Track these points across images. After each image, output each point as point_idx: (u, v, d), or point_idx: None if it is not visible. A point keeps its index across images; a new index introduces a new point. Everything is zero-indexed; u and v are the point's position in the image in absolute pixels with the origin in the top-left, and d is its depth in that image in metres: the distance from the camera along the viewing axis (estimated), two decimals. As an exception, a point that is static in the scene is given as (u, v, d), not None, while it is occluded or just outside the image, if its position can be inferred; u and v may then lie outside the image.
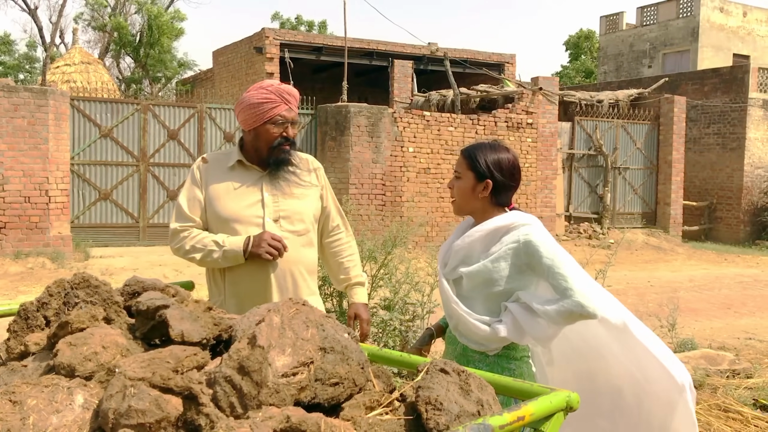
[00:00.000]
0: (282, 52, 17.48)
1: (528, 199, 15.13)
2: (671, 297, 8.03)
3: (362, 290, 3.04)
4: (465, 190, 2.42)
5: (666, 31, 29.32)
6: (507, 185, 2.43)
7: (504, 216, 2.41)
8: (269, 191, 2.77)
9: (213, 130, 13.38)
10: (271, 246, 2.63)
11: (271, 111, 2.69)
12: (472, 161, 2.41)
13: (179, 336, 1.32)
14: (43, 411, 1.12)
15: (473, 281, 2.36)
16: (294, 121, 2.76)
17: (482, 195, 2.40)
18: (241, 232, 2.70)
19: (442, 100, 16.03)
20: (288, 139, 2.74)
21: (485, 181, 2.39)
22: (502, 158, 2.41)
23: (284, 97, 2.71)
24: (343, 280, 3.03)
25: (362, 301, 3.00)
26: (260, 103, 2.69)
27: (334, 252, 3.01)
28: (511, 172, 2.43)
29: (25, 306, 1.53)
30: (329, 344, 1.38)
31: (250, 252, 2.64)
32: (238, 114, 2.79)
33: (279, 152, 2.74)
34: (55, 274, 10.18)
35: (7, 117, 10.75)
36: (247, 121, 2.74)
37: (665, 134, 17.26)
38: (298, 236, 2.78)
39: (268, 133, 2.72)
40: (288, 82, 16.90)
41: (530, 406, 1.37)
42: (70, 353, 1.32)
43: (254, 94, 2.72)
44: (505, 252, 2.32)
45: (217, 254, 2.67)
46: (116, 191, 12.64)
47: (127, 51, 28.23)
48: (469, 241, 2.39)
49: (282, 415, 1.15)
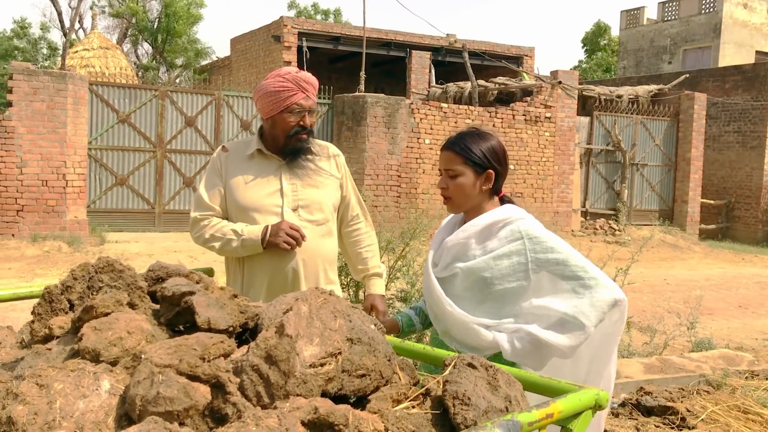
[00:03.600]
0: (300, 41, 17.44)
1: (544, 194, 15.04)
2: (691, 296, 7.96)
3: (380, 281, 3.02)
4: (466, 186, 2.26)
5: (687, 27, 29.00)
6: (502, 172, 2.31)
7: (498, 210, 2.27)
8: (288, 180, 2.75)
9: (230, 117, 13.39)
10: (289, 235, 2.61)
11: (287, 99, 2.66)
12: (466, 154, 2.25)
13: (206, 323, 1.30)
14: (69, 396, 1.10)
15: (470, 279, 2.22)
16: (311, 110, 2.72)
17: (486, 187, 2.27)
18: (259, 221, 2.69)
19: (460, 92, 15.95)
20: (305, 127, 2.72)
21: (486, 172, 2.26)
22: (494, 145, 2.29)
23: (301, 85, 2.68)
24: (361, 270, 3.01)
25: (379, 293, 2.98)
26: (277, 91, 2.67)
27: (353, 242, 2.99)
28: (504, 157, 2.31)
29: (50, 289, 1.52)
30: (356, 335, 1.36)
31: (268, 241, 2.63)
32: (256, 102, 2.77)
33: (296, 141, 2.72)
34: (71, 258, 10.24)
35: (27, 100, 10.80)
36: (264, 109, 2.72)
37: (684, 131, 17.09)
38: (316, 225, 2.76)
39: (284, 121, 2.69)
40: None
41: (559, 403, 1.34)
42: (95, 338, 1.30)
43: (271, 81, 2.69)
44: (509, 250, 2.20)
45: (236, 243, 2.67)
46: (133, 177, 12.69)
47: (144, 37, 28.30)
48: (464, 236, 2.26)
49: (310, 406, 1.13)
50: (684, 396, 4.51)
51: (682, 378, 4.98)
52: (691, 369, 5.13)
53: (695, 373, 5.05)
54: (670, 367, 5.14)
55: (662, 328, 6.10)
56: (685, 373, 5.06)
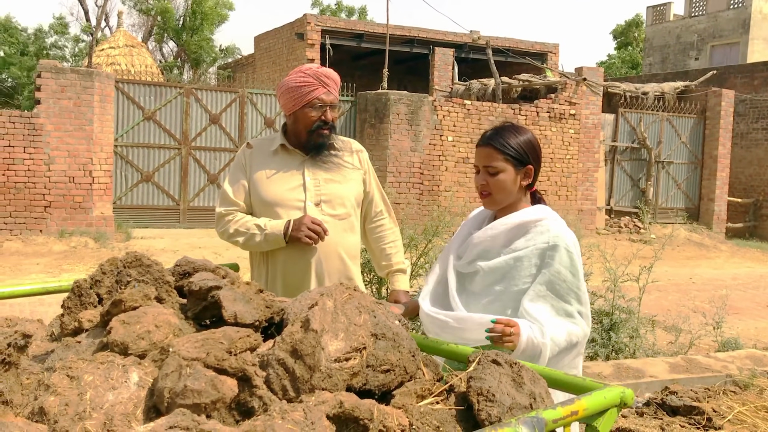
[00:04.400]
0: (323, 39, 17.49)
1: (569, 192, 14.93)
2: (717, 295, 7.86)
3: (404, 277, 3.03)
4: (508, 183, 2.21)
5: (715, 23, 28.59)
6: (539, 167, 2.28)
7: (531, 210, 2.24)
8: (311, 175, 2.78)
9: (254, 115, 13.47)
10: (311, 230, 2.63)
11: (309, 94, 2.68)
12: (506, 150, 2.20)
13: (232, 317, 1.32)
14: (99, 387, 1.12)
15: (490, 278, 2.19)
16: (333, 105, 2.74)
17: (525, 182, 2.24)
18: (282, 216, 2.72)
19: (483, 89, 15.88)
20: (327, 122, 2.73)
21: (526, 167, 2.22)
22: (531, 139, 2.25)
23: (322, 80, 2.70)
24: (385, 266, 3.03)
25: (403, 288, 2.98)
26: (298, 86, 2.70)
27: (377, 238, 3.01)
28: (540, 151, 2.29)
29: (79, 283, 1.54)
30: (381, 331, 1.36)
31: (290, 236, 2.65)
32: (279, 98, 2.80)
33: (318, 136, 2.74)
34: (98, 253, 10.38)
35: (54, 98, 10.96)
36: (287, 105, 2.75)
37: (711, 128, 16.86)
38: (339, 220, 2.79)
39: (306, 116, 2.72)
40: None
41: (584, 401, 1.34)
42: (123, 331, 1.32)
43: (293, 77, 2.72)
44: (532, 252, 2.16)
45: (259, 238, 2.70)
46: (158, 173, 12.82)
47: (170, 35, 28.53)
48: (492, 234, 2.22)
49: (335, 400, 1.14)
50: (710, 396, 4.46)
51: (708, 378, 4.93)
52: (718, 369, 5.07)
53: (721, 373, 4.99)
54: (696, 367, 5.09)
55: (687, 327, 6.03)
56: (711, 373, 5.00)
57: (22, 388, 1.18)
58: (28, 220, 10.93)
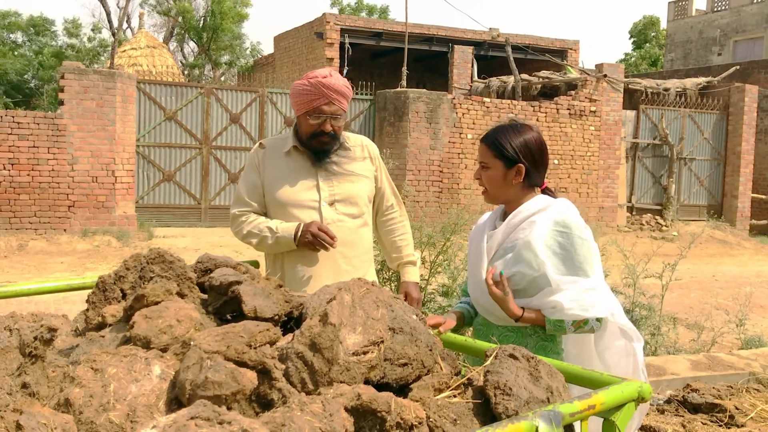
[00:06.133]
0: (342, 38, 17.53)
1: (589, 189, 14.84)
2: (740, 292, 7.78)
3: (414, 269, 3.07)
4: (496, 179, 2.30)
5: (738, 17, 28.22)
6: (537, 166, 2.31)
7: (536, 200, 2.29)
8: (324, 175, 2.81)
9: (274, 114, 13.54)
10: (316, 236, 2.64)
11: (309, 103, 2.70)
12: (497, 148, 2.28)
13: (252, 311, 1.34)
14: (122, 380, 1.15)
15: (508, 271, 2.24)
16: (336, 115, 2.73)
17: (516, 181, 2.29)
18: (298, 216, 2.75)
19: (503, 86, 15.82)
20: (325, 132, 2.74)
21: (516, 166, 2.27)
22: (528, 139, 2.29)
23: (323, 91, 2.69)
24: (395, 258, 3.07)
25: (413, 280, 3.04)
26: (301, 93, 2.72)
27: (388, 231, 3.05)
28: (540, 151, 2.31)
29: (104, 278, 1.57)
30: (398, 325, 1.38)
31: (299, 240, 2.68)
32: (290, 99, 2.84)
33: (316, 143, 2.77)
34: (120, 252, 10.50)
35: (78, 99, 11.10)
36: (294, 107, 2.81)
37: (734, 124, 16.65)
38: (353, 219, 2.82)
39: (306, 123, 2.75)
40: (343, 68, 16.96)
41: (601, 395, 1.34)
42: (146, 325, 1.35)
43: (299, 83, 2.75)
44: (538, 234, 2.20)
45: (271, 240, 2.74)
46: (179, 173, 12.93)
47: (190, 35, 28.75)
48: (503, 231, 2.30)
49: (353, 393, 1.16)
50: (732, 394, 4.42)
51: (731, 376, 4.88)
52: (740, 366, 5.02)
53: (744, 370, 4.94)
54: (718, 365, 5.04)
55: (710, 325, 5.97)
56: (733, 370, 4.96)
57: (48, 381, 1.21)
58: (53, 219, 11.08)
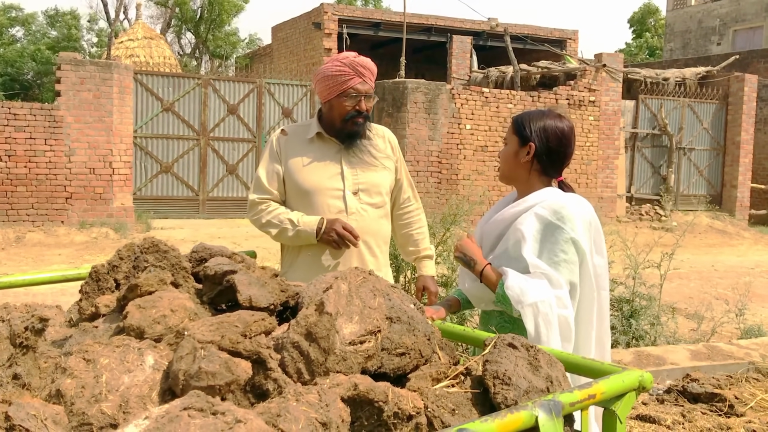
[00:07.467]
0: (340, 28, 17.45)
1: (588, 179, 14.81)
2: (739, 282, 7.77)
3: (431, 263, 3.07)
4: (509, 154, 2.32)
5: (738, 7, 28.12)
6: (552, 154, 2.27)
7: (545, 191, 2.25)
8: (348, 164, 2.79)
9: (272, 105, 13.49)
10: (341, 236, 2.63)
11: (344, 84, 2.69)
12: (517, 125, 2.30)
13: (247, 301, 1.32)
14: (115, 370, 1.13)
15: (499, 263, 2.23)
16: (368, 95, 2.74)
17: (525, 160, 2.27)
18: (321, 204, 2.73)
19: (502, 76, 15.78)
20: (361, 112, 2.74)
21: (528, 144, 2.26)
22: (549, 124, 2.26)
23: (358, 70, 2.70)
24: (412, 252, 3.05)
25: (430, 274, 3.03)
26: (334, 75, 2.70)
27: (405, 224, 3.03)
28: (558, 139, 2.26)
29: (97, 268, 1.55)
30: (396, 314, 1.36)
31: (321, 237, 2.66)
32: (315, 85, 2.81)
33: (351, 125, 2.75)
34: (118, 244, 10.48)
35: (74, 90, 11.05)
36: (322, 92, 2.76)
37: (734, 114, 16.61)
38: (375, 208, 2.81)
39: (341, 105, 2.72)
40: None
41: (601, 384, 1.33)
42: (139, 315, 1.33)
43: (329, 66, 2.73)
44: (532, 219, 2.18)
45: (291, 233, 2.71)
46: (177, 164, 12.89)
47: (188, 27, 28.63)
48: (501, 219, 2.28)
49: (349, 383, 1.14)
50: (732, 383, 4.42)
51: (730, 365, 4.87)
52: (740, 356, 5.02)
53: (744, 360, 4.93)
54: (718, 354, 5.04)
55: (710, 315, 5.96)
56: (733, 360, 4.95)
57: (40, 372, 1.19)
58: (50, 211, 11.05)
